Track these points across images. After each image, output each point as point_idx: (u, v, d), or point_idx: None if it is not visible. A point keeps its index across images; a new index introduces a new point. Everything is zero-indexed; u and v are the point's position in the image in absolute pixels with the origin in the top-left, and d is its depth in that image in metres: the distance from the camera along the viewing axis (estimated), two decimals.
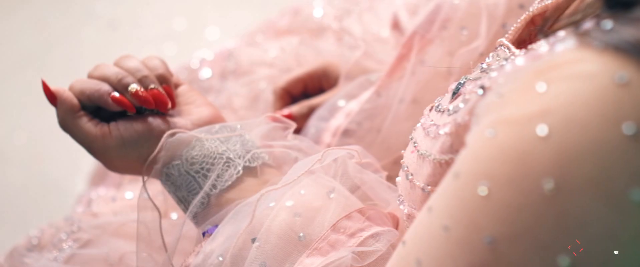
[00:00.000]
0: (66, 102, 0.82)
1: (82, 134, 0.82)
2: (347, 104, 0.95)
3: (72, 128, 0.82)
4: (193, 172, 0.80)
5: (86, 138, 0.82)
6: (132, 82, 0.82)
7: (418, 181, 0.69)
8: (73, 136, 0.83)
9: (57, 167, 2.02)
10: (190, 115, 0.84)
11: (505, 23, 0.92)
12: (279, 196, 0.75)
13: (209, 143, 0.81)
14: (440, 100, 0.72)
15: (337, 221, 0.73)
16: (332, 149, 0.78)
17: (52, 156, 2.03)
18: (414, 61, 0.90)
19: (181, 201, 0.81)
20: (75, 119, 0.82)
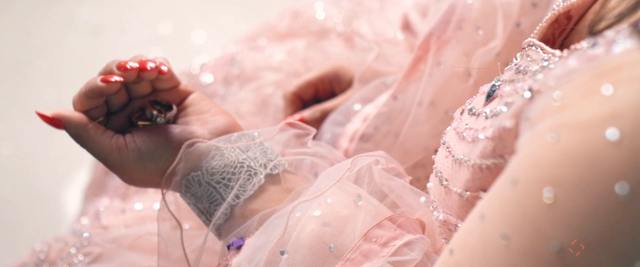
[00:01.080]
0: (71, 119, 0.79)
1: (98, 148, 0.79)
2: (364, 108, 0.93)
3: (87, 143, 0.80)
4: (214, 182, 0.77)
5: (102, 152, 0.79)
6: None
7: (454, 187, 0.67)
8: (89, 150, 0.80)
9: (45, 178, 1.98)
10: (207, 124, 0.81)
11: (519, 22, 0.91)
12: (305, 206, 0.73)
13: (229, 152, 0.78)
14: (471, 103, 0.70)
15: (368, 229, 0.71)
16: (360, 156, 0.75)
17: (39, 166, 1.99)
18: (431, 63, 0.88)
19: (202, 213, 0.78)
20: (88, 133, 0.79)
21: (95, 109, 0.81)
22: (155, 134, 0.79)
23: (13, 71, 2.16)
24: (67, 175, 1.98)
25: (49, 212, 1.92)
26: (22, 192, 1.94)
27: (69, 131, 0.80)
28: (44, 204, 1.93)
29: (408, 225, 0.73)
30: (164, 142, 0.79)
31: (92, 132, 0.79)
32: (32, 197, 1.93)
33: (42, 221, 1.91)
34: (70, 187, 1.97)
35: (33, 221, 1.90)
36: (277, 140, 0.80)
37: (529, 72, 0.63)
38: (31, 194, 1.94)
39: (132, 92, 0.85)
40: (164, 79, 0.84)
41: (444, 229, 0.70)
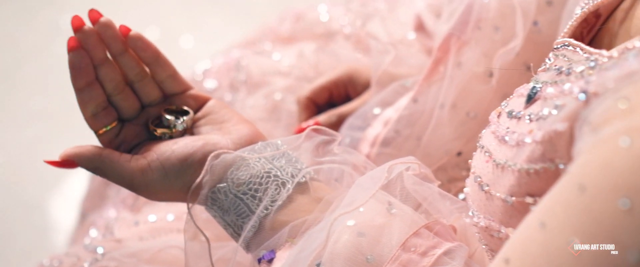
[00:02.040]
0: (82, 154, 0.76)
1: (119, 175, 0.76)
2: (383, 112, 0.90)
3: (107, 173, 0.76)
4: (240, 194, 0.74)
5: (124, 178, 0.76)
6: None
7: (497, 192, 0.64)
8: (111, 179, 0.76)
9: (32, 187, 1.94)
10: (230, 134, 0.78)
11: (536, 21, 0.89)
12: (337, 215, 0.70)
13: (254, 162, 0.75)
14: (508, 105, 0.68)
15: (406, 239, 0.68)
16: (394, 163, 0.73)
17: (28, 175, 1.95)
18: (452, 64, 0.86)
19: (229, 225, 0.75)
20: (105, 163, 0.76)
21: (102, 112, 0.79)
22: (178, 149, 0.76)
23: (0, 81, 2.11)
24: (55, 184, 1.94)
25: (37, 222, 1.88)
26: (10, 202, 1.90)
27: (85, 167, 0.76)
28: (31, 214, 1.89)
29: (444, 232, 0.71)
30: (188, 156, 0.75)
31: (108, 161, 0.76)
32: (19, 207, 1.89)
33: (30, 230, 1.87)
34: (59, 196, 1.93)
35: (21, 230, 1.86)
36: (305, 148, 0.77)
37: (574, 72, 0.61)
38: (19, 203, 1.90)
39: (142, 96, 0.82)
40: (168, 75, 0.81)
41: (485, 235, 0.68)
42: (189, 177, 0.75)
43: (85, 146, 0.76)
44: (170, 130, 0.79)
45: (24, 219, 1.88)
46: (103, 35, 0.78)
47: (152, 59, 0.81)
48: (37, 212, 1.89)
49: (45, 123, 2.04)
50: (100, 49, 0.78)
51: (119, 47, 0.79)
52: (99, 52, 0.78)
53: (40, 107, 2.06)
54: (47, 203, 1.91)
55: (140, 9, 2.26)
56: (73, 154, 0.76)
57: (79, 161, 0.75)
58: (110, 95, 0.80)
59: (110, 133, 0.80)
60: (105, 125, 0.80)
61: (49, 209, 1.91)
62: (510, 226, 0.64)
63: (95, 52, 0.78)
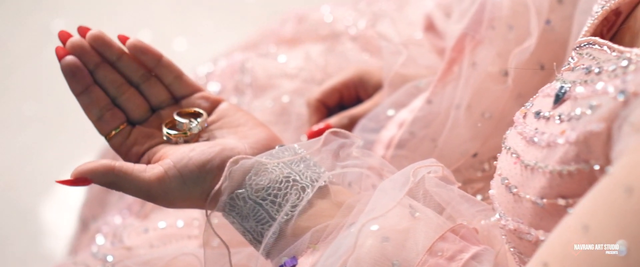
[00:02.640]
0: (95, 170, 0.73)
1: (135, 187, 0.73)
2: (398, 114, 0.89)
3: (123, 186, 0.73)
4: (259, 199, 0.72)
5: (141, 189, 0.73)
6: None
7: (526, 194, 0.63)
8: (128, 192, 0.74)
9: (23, 193, 1.92)
10: (247, 138, 0.76)
11: (549, 19, 0.88)
12: (360, 220, 0.68)
13: (273, 167, 0.73)
14: (534, 106, 0.67)
15: (432, 243, 0.66)
16: (419, 167, 0.71)
17: (18, 181, 1.93)
18: (467, 64, 0.84)
19: (248, 231, 0.73)
20: (119, 176, 0.73)
21: (108, 113, 0.78)
22: (195, 156, 0.74)
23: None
24: (48, 190, 1.92)
25: (31, 228, 1.86)
26: (3, 207, 1.88)
27: (99, 183, 0.73)
28: (25, 219, 1.87)
29: (470, 236, 0.69)
30: (206, 163, 0.73)
31: (122, 174, 0.73)
32: (13, 213, 1.87)
33: (24, 236, 1.85)
34: (52, 202, 1.91)
35: (14, 236, 1.84)
36: (324, 152, 0.75)
37: (605, 71, 0.60)
38: (12, 209, 1.88)
39: (149, 98, 0.80)
40: (175, 77, 0.80)
41: (513, 238, 0.66)
42: (208, 184, 0.73)
43: (97, 161, 0.73)
44: (185, 133, 0.77)
45: (18, 225, 1.86)
46: (94, 46, 0.77)
47: (154, 63, 0.80)
48: (30, 218, 1.87)
49: (38, 128, 2.01)
50: (92, 54, 0.77)
51: (114, 54, 0.78)
52: (92, 57, 0.77)
53: (32, 113, 2.04)
54: (40, 209, 1.89)
55: (131, 13, 2.24)
56: (86, 171, 0.73)
57: (92, 177, 0.73)
58: (115, 98, 0.79)
59: (120, 136, 0.78)
60: (113, 128, 0.78)
61: (42, 215, 1.89)
62: (540, 229, 0.63)
63: (87, 57, 0.77)
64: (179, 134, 0.77)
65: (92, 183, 0.73)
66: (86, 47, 0.77)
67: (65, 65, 0.76)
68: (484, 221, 0.72)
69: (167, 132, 0.77)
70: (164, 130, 0.78)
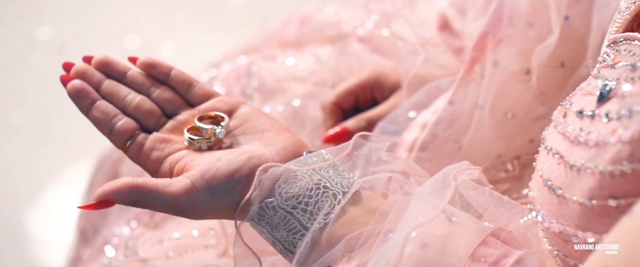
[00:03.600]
0: (118, 190, 0.69)
1: (163, 202, 0.69)
2: (420, 115, 0.86)
3: (149, 203, 0.70)
4: (290, 208, 0.69)
5: (169, 204, 0.69)
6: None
7: (573, 195, 0.60)
8: (155, 209, 0.70)
9: (14, 205, 1.88)
10: (273, 144, 0.73)
11: (567, 15, 0.85)
12: (395, 226, 0.65)
13: (302, 174, 0.70)
14: (574, 105, 0.64)
15: (474, 248, 0.64)
16: (456, 169, 0.68)
17: (8, 194, 1.90)
18: (489, 63, 0.82)
19: (278, 241, 0.70)
20: (146, 193, 0.69)
21: (120, 123, 0.74)
22: (223, 166, 0.70)
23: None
24: (34, 200, 1.89)
25: (17, 238, 1.83)
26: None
27: (124, 203, 0.70)
28: (12, 230, 1.84)
29: (511, 239, 0.67)
30: (235, 172, 0.70)
31: (147, 190, 0.69)
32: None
33: (10, 247, 1.81)
34: (37, 212, 1.88)
35: (2, 248, 1.80)
36: (355, 157, 0.72)
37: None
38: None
39: (163, 105, 0.77)
40: (188, 86, 0.78)
41: (557, 241, 0.64)
42: (237, 194, 0.70)
43: (119, 181, 0.69)
44: (209, 139, 0.74)
45: (5, 235, 1.82)
46: (99, 69, 0.77)
47: (165, 76, 0.78)
48: (17, 229, 1.84)
49: (25, 138, 1.97)
50: (96, 74, 0.77)
51: (120, 71, 0.78)
52: (96, 76, 0.76)
53: (21, 123, 2.00)
54: (28, 219, 1.86)
55: (118, 18, 2.20)
56: (108, 192, 0.69)
57: (116, 198, 0.69)
58: (124, 108, 0.76)
59: (136, 144, 0.74)
60: (127, 138, 0.74)
61: (30, 225, 1.86)
62: (588, 231, 0.60)
63: (92, 78, 0.76)
64: (202, 140, 0.73)
65: (115, 204, 0.69)
66: (90, 70, 0.77)
67: (70, 89, 0.75)
68: (521, 221, 0.70)
69: (190, 137, 0.74)
70: (186, 136, 0.74)
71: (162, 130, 0.76)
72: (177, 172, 0.72)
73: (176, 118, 0.77)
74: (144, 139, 0.75)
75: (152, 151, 0.74)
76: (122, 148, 0.75)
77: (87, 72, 0.77)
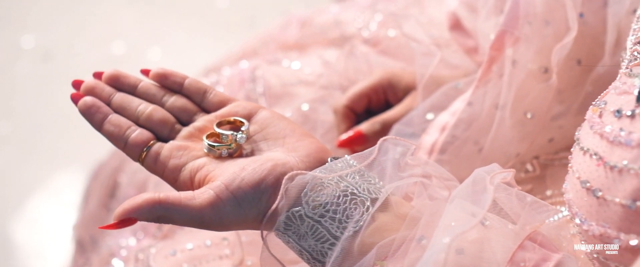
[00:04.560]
0: (140, 207, 0.66)
1: (188, 216, 0.66)
2: (438, 117, 0.83)
3: (173, 218, 0.66)
4: (317, 216, 0.66)
5: (194, 218, 0.66)
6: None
7: (615, 197, 0.58)
8: (180, 224, 0.67)
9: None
10: (296, 151, 0.70)
11: (581, 12, 0.84)
12: (427, 232, 0.63)
13: (328, 181, 0.67)
14: (609, 104, 0.62)
15: (512, 253, 0.61)
16: (484, 171, 0.66)
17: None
18: (508, 63, 0.80)
19: (306, 251, 0.67)
20: (169, 208, 0.66)
21: (134, 135, 0.72)
22: (247, 176, 0.67)
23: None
24: (17, 208, 1.85)
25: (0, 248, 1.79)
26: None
27: (146, 220, 0.66)
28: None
29: (547, 243, 0.64)
30: (260, 182, 0.67)
31: (170, 205, 0.66)
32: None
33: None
34: (23, 222, 1.84)
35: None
36: (384, 162, 0.70)
37: None
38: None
39: (177, 114, 0.75)
40: (203, 93, 0.76)
41: (597, 243, 0.62)
42: (264, 204, 0.67)
43: (140, 197, 0.66)
44: (230, 146, 0.70)
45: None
46: (110, 83, 0.75)
47: (178, 86, 0.76)
48: (3, 239, 1.80)
49: (11, 148, 1.93)
50: (106, 88, 0.75)
51: (131, 84, 0.76)
52: (107, 90, 0.74)
53: (7, 132, 1.96)
54: (13, 229, 1.82)
55: (102, 24, 2.16)
56: (130, 210, 0.65)
57: (138, 215, 0.65)
58: (137, 119, 0.74)
59: (152, 154, 0.71)
60: (142, 148, 0.71)
61: (15, 235, 1.82)
62: (632, 233, 0.58)
63: (102, 92, 0.74)
64: (223, 146, 0.70)
65: (138, 221, 0.66)
66: (100, 85, 0.75)
67: (81, 106, 0.73)
68: (550, 220, 0.68)
69: (209, 144, 0.71)
70: (205, 143, 0.71)
71: (179, 137, 0.73)
72: (198, 182, 0.69)
73: (193, 125, 0.74)
74: (159, 148, 0.72)
75: (169, 159, 0.71)
76: (138, 160, 0.72)
77: (97, 88, 0.74)
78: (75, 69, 2.02)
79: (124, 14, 2.19)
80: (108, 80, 0.75)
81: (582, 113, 0.84)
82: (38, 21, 2.18)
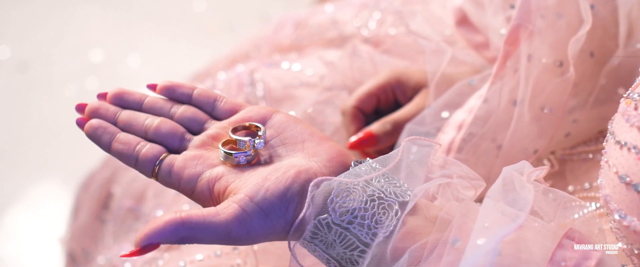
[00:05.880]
0: (161, 230, 0.61)
1: (214, 233, 0.62)
2: (453, 115, 0.81)
3: (200, 237, 0.62)
4: (346, 223, 0.63)
5: (220, 234, 0.62)
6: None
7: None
8: (206, 242, 0.63)
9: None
10: (317, 155, 0.67)
11: (592, 4, 0.81)
12: (460, 234, 0.60)
13: (353, 187, 0.64)
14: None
15: (551, 253, 0.59)
16: (514, 169, 0.63)
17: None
18: (523, 57, 0.77)
19: (334, 259, 0.64)
20: (193, 228, 0.62)
21: (142, 151, 0.68)
22: (272, 186, 0.64)
23: None
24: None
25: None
26: None
27: (170, 242, 0.62)
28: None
29: (585, 240, 0.62)
30: (286, 191, 0.63)
31: (194, 224, 0.62)
32: None
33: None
34: (5, 236, 1.80)
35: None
36: (411, 163, 0.67)
37: None
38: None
39: (188, 124, 0.71)
40: (214, 101, 0.72)
41: (638, 239, 0.60)
42: (291, 214, 0.63)
43: (161, 219, 0.62)
44: (248, 153, 0.67)
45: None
46: (115, 103, 0.73)
47: (187, 97, 0.73)
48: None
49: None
50: (111, 108, 0.72)
51: (136, 101, 0.73)
52: (111, 110, 0.72)
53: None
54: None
55: (81, 34, 2.11)
56: (152, 234, 0.61)
57: (161, 238, 0.61)
58: (145, 134, 0.70)
59: (165, 168, 0.67)
60: (154, 163, 0.67)
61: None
62: None
63: (108, 113, 0.71)
64: (240, 154, 0.66)
65: (161, 244, 0.62)
66: (104, 105, 0.72)
67: (88, 130, 0.70)
68: (578, 215, 0.66)
69: (226, 152, 0.67)
70: (221, 151, 0.67)
71: (191, 147, 0.69)
72: (218, 192, 0.65)
73: (205, 133, 0.70)
74: (172, 160, 0.68)
75: (184, 169, 0.67)
76: (152, 176, 0.68)
77: (101, 108, 0.71)
78: (53, 78, 1.98)
79: (100, 22, 2.14)
80: (112, 99, 0.72)
81: (597, 107, 0.82)
82: (13, 31, 2.12)
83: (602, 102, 0.82)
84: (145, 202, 1.04)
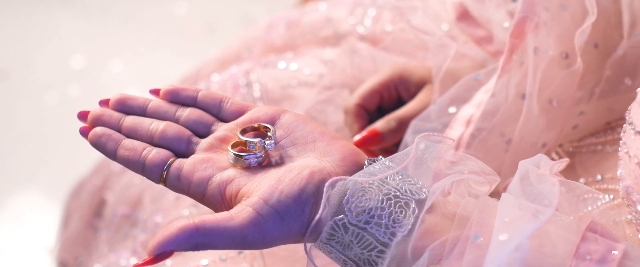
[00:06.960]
0: (175, 238, 0.59)
1: (229, 239, 0.60)
2: (461, 110, 0.79)
3: (215, 243, 0.60)
4: (363, 224, 0.61)
5: (235, 239, 0.60)
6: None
7: None
8: (221, 247, 0.61)
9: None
10: (329, 155, 0.65)
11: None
12: (481, 230, 0.59)
13: (369, 186, 0.62)
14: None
15: (576, 246, 0.57)
16: (530, 163, 0.62)
17: None
18: (529, 50, 0.76)
19: (351, 260, 0.62)
20: (207, 234, 0.59)
21: (149, 156, 0.66)
22: (286, 188, 0.62)
23: None
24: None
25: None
26: None
27: (184, 249, 0.60)
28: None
29: (607, 232, 0.61)
30: (301, 192, 0.61)
31: (208, 230, 0.59)
32: None
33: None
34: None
35: None
36: (425, 161, 0.65)
37: None
38: None
39: (194, 127, 0.69)
40: (219, 103, 0.70)
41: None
42: (307, 216, 0.61)
43: (172, 226, 0.59)
44: (258, 155, 0.65)
45: None
46: (118, 109, 0.70)
47: (192, 100, 0.70)
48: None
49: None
50: (115, 114, 0.69)
51: (140, 106, 0.70)
52: (114, 117, 0.69)
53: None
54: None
55: (61, 40, 2.07)
56: (166, 241, 0.58)
57: (175, 246, 0.59)
58: (151, 139, 0.68)
59: (173, 173, 0.65)
60: (162, 168, 0.65)
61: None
62: None
63: (111, 119, 0.69)
64: (251, 156, 0.64)
65: (173, 252, 0.60)
66: (107, 112, 0.69)
67: (92, 138, 0.67)
68: (592, 208, 0.64)
69: (236, 154, 0.64)
70: (231, 153, 0.65)
71: (199, 150, 0.67)
72: (229, 196, 0.63)
73: (212, 135, 0.68)
74: (180, 164, 0.65)
75: (193, 173, 0.65)
76: (160, 181, 0.66)
77: (104, 115, 0.69)
78: (33, 86, 1.94)
79: (80, 28, 2.11)
80: (115, 105, 0.70)
81: (603, 98, 0.81)
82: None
83: (608, 93, 0.81)
84: (142, 208, 1.01)
